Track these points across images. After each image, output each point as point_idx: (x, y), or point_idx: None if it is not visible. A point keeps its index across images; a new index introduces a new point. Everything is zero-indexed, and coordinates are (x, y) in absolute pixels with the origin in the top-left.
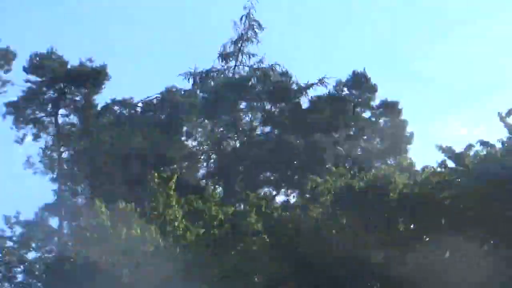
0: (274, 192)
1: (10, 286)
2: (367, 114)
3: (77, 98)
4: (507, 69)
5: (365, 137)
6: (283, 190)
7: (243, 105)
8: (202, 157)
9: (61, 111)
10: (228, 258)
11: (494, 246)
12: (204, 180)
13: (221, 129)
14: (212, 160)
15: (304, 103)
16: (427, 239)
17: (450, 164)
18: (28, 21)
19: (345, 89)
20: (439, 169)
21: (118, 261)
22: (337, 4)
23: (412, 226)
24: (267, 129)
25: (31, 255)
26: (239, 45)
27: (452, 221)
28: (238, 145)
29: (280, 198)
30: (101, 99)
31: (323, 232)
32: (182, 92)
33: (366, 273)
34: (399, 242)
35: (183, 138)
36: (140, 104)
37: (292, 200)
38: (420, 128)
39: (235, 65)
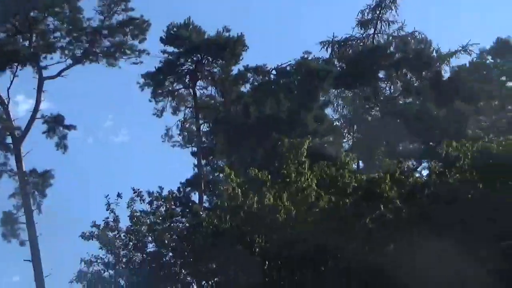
0: (415, 163)
1: (141, 256)
2: None
3: (215, 70)
4: None
5: (510, 107)
6: (424, 161)
7: (381, 73)
8: (344, 131)
9: (199, 83)
10: (362, 226)
11: None
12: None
13: (361, 99)
14: (353, 133)
15: (446, 72)
16: None
17: None
18: None
19: (489, 57)
20: None
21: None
22: None
23: None
24: (408, 99)
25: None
26: (378, 12)
27: None
28: (378, 114)
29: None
30: (238, 70)
31: (460, 197)
32: (319, 61)
33: None
34: None
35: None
36: (273, 72)
37: None
38: None
39: (374, 33)
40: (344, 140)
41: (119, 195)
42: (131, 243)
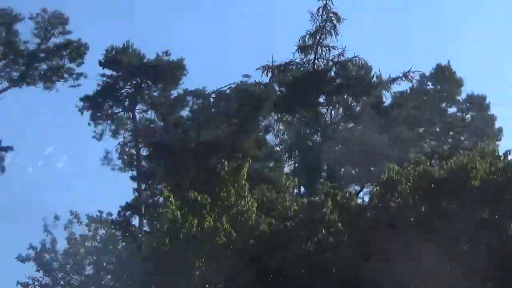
0: (358, 188)
1: (79, 278)
2: (453, 109)
3: (155, 94)
4: None
5: (451, 133)
6: (367, 185)
7: (322, 98)
8: (285, 156)
9: (139, 107)
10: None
11: None
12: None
13: (302, 124)
14: (293, 158)
15: (386, 97)
16: None
17: None
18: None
19: (429, 83)
20: None
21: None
22: None
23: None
24: (350, 125)
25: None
26: (318, 37)
27: None
28: (319, 140)
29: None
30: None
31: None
32: (260, 86)
33: None
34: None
35: (260, 134)
36: (213, 96)
37: None
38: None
39: (315, 58)
40: (285, 166)
41: (56, 217)
42: (68, 266)
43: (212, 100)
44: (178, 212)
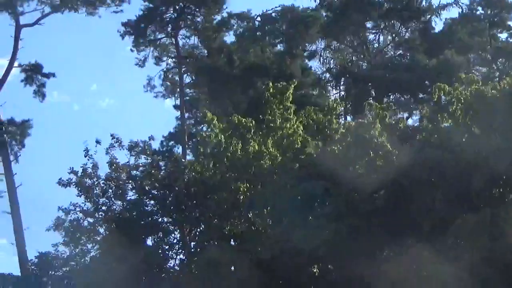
0: (406, 114)
1: (121, 204)
2: (503, 35)
3: (198, 19)
4: None
5: (502, 59)
6: (415, 112)
7: (369, 24)
8: (331, 83)
9: (182, 32)
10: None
11: None
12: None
13: (349, 50)
14: (341, 85)
15: (436, 23)
16: None
17: None
18: None
19: (479, 8)
20: None
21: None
22: None
23: None
24: (398, 51)
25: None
26: None
27: None
28: (366, 66)
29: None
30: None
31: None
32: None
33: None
34: None
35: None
36: (258, 19)
37: None
38: None
39: None
40: (331, 94)
41: (98, 142)
42: (110, 191)
43: (257, 23)
44: (222, 136)
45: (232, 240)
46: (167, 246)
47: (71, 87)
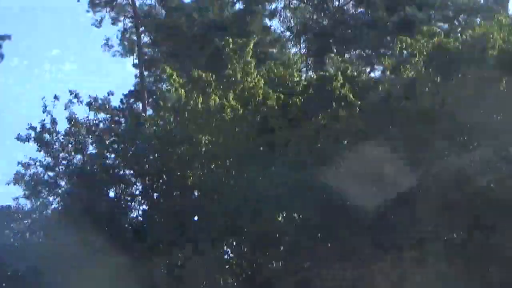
0: (369, 69)
1: (82, 158)
2: None
3: None
4: None
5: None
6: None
7: None
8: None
9: None
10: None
11: None
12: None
13: (310, 9)
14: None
15: None
16: None
17: None
18: None
19: None
20: None
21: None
22: None
23: None
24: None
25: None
26: None
27: None
28: (327, 24)
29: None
30: None
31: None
32: None
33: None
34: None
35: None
36: None
37: None
38: None
39: None
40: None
41: (56, 98)
42: (70, 145)
43: None
44: (182, 90)
45: (195, 190)
46: (129, 198)
47: (31, 52)
